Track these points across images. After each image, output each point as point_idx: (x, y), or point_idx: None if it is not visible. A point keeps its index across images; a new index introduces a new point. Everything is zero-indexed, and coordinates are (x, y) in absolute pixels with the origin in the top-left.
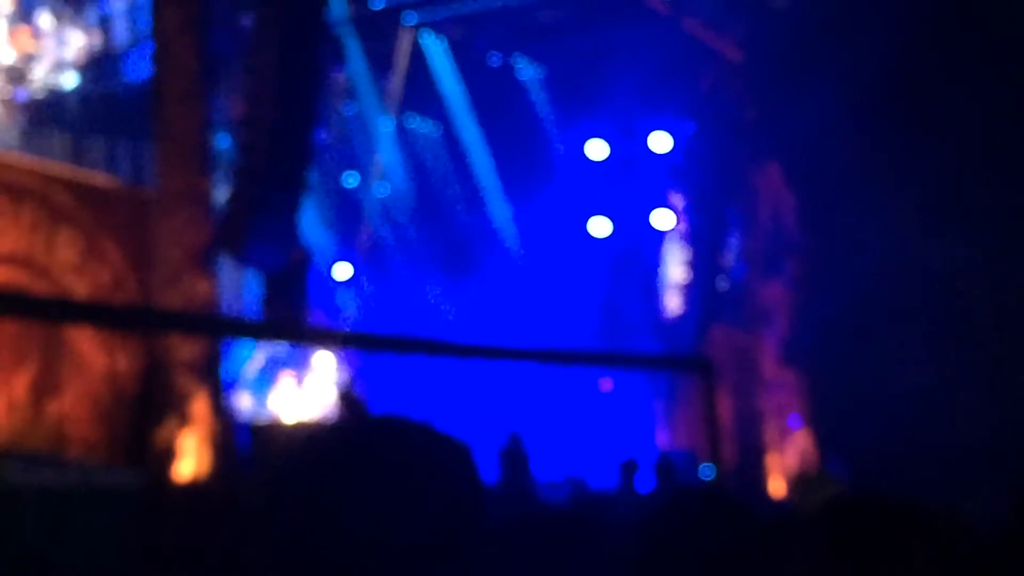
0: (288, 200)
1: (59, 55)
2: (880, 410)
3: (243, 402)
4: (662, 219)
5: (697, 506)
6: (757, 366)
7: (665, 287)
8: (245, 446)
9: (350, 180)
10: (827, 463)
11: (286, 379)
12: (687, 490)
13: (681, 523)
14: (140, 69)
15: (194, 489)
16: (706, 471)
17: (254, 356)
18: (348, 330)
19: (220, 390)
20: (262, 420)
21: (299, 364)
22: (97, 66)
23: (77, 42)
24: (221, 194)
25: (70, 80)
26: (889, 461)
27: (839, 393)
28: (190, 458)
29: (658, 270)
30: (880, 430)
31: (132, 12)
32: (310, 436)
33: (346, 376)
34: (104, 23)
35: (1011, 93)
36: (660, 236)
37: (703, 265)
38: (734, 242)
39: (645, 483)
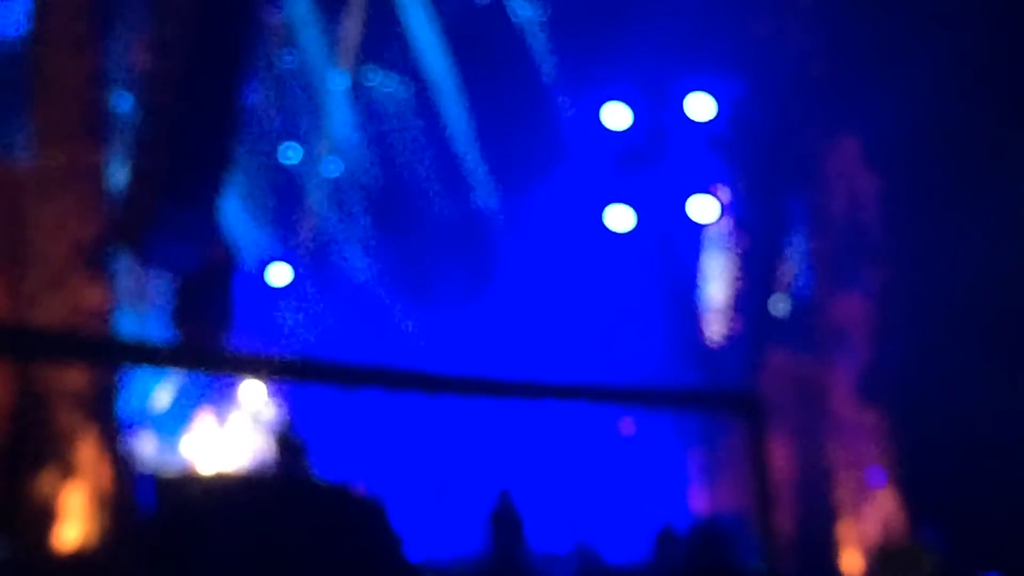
0: (206, 180)
1: None
2: (986, 463)
3: (146, 447)
4: (702, 209)
5: None
6: (827, 404)
7: (705, 298)
8: (148, 504)
9: (289, 154)
10: (918, 531)
11: (203, 418)
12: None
13: None
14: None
15: (79, 560)
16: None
17: (162, 387)
18: (285, 355)
19: (115, 431)
20: (171, 470)
21: (220, 398)
22: None
23: None
24: (119, 172)
25: None
26: (997, 528)
27: (934, 440)
28: (75, 519)
29: (696, 277)
30: (985, 488)
31: None
32: (230, 496)
33: (282, 414)
34: None
35: None
36: (699, 231)
37: (756, 271)
38: (797, 242)
39: (680, 557)
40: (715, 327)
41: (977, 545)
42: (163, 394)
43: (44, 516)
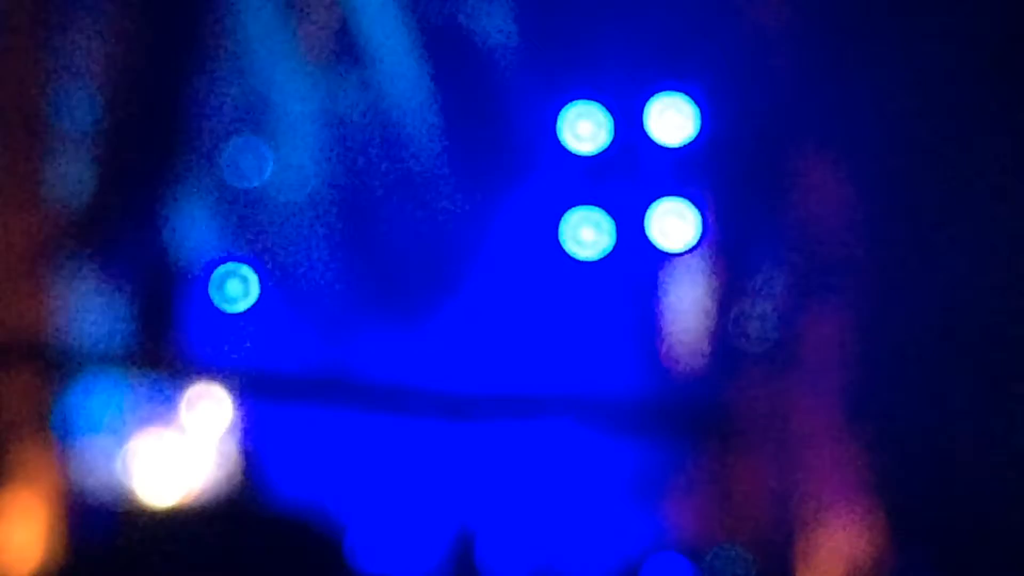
0: (160, 183)
1: None
2: (969, 484)
3: (93, 472)
4: (671, 232)
5: None
6: (800, 426)
7: (675, 320)
8: (95, 533)
9: (247, 156)
10: (903, 562)
11: (154, 434)
12: None
13: None
14: None
15: None
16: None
17: (111, 405)
18: (245, 370)
19: (63, 446)
20: (120, 497)
21: (174, 419)
22: None
23: None
24: (67, 171)
25: None
26: (980, 551)
27: (915, 462)
28: (19, 545)
29: (665, 298)
30: (968, 510)
31: None
32: (181, 526)
33: (240, 436)
34: None
35: None
36: (667, 256)
37: (730, 291)
38: (770, 256)
39: None
40: (682, 344)
41: (960, 568)
42: (112, 414)
43: None
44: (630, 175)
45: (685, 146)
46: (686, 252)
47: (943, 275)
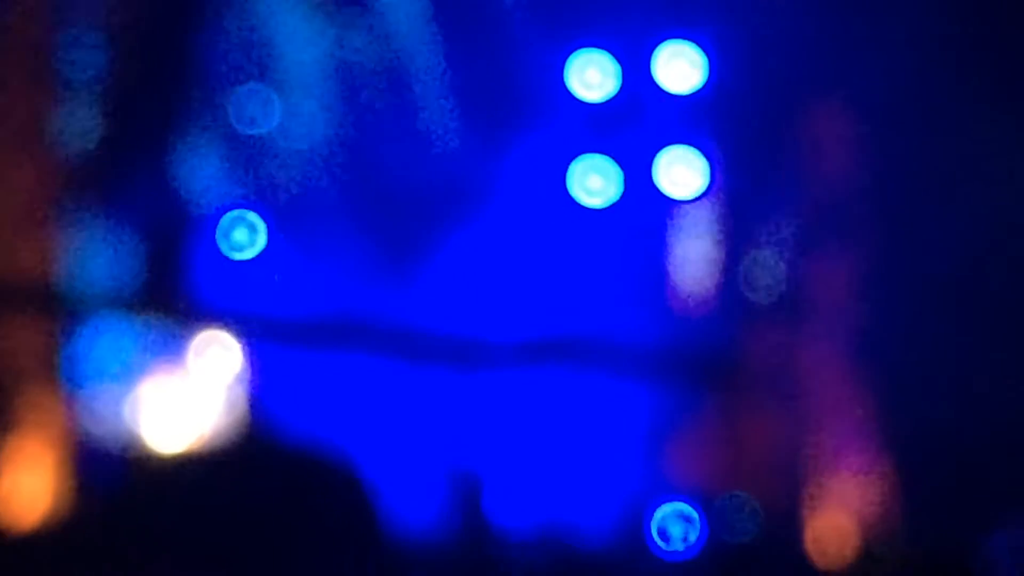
0: (167, 128)
1: None
2: (989, 436)
3: (103, 410)
4: (679, 180)
5: None
6: (809, 374)
7: (682, 270)
8: (106, 479)
9: (254, 104)
10: (908, 515)
11: (163, 386)
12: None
13: None
14: None
15: (33, 535)
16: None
17: (119, 352)
18: (253, 316)
19: (72, 393)
20: (129, 441)
21: (182, 365)
22: None
23: None
24: (73, 118)
25: None
26: (993, 511)
27: (928, 412)
28: (29, 491)
29: (673, 249)
30: (988, 465)
31: None
32: (193, 469)
33: (249, 383)
34: None
35: None
36: (675, 204)
37: (738, 243)
38: (778, 204)
39: (666, 536)
40: (693, 298)
41: (973, 528)
42: (119, 359)
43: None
44: (638, 123)
45: (693, 94)
46: (694, 200)
47: (953, 224)
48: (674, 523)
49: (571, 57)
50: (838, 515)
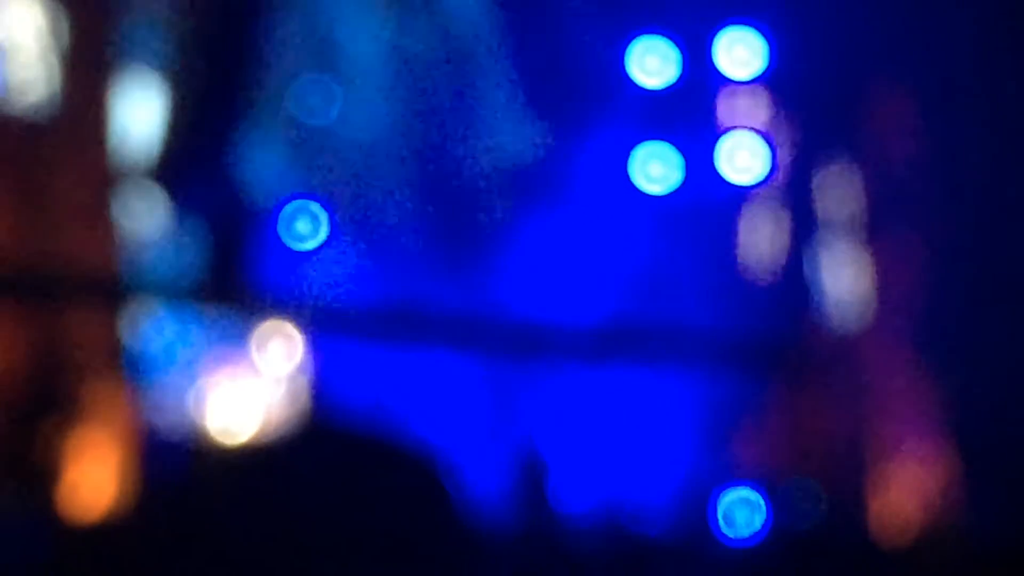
0: (233, 119)
1: None
2: None
3: (164, 410)
4: (741, 166)
5: None
6: (871, 360)
7: (744, 256)
8: (164, 473)
9: (317, 98)
10: (971, 501)
11: (226, 377)
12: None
13: None
14: None
15: (101, 526)
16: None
17: (182, 343)
18: (315, 307)
19: (131, 392)
20: (196, 433)
21: (245, 356)
22: None
23: None
24: (138, 109)
25: None
26: None
27: (990, 397)
28: (95, 482)
29: (735, 235)
30: None
31: None
32: (263, 461)
33: (311, 374)
34: None
35: None
36: (737, 190)
37: (797, 221)
38: (840, 190)
39: (731, 522)
40: (755, 284)
41: None
42: (185, 350)
43: (63, 477)
44: (699, 110)
45: (754, 80)
46: (756, 186)
47: (1018, 209)
48: (739, 509)
49: (632, 44)
50: (901, 501)
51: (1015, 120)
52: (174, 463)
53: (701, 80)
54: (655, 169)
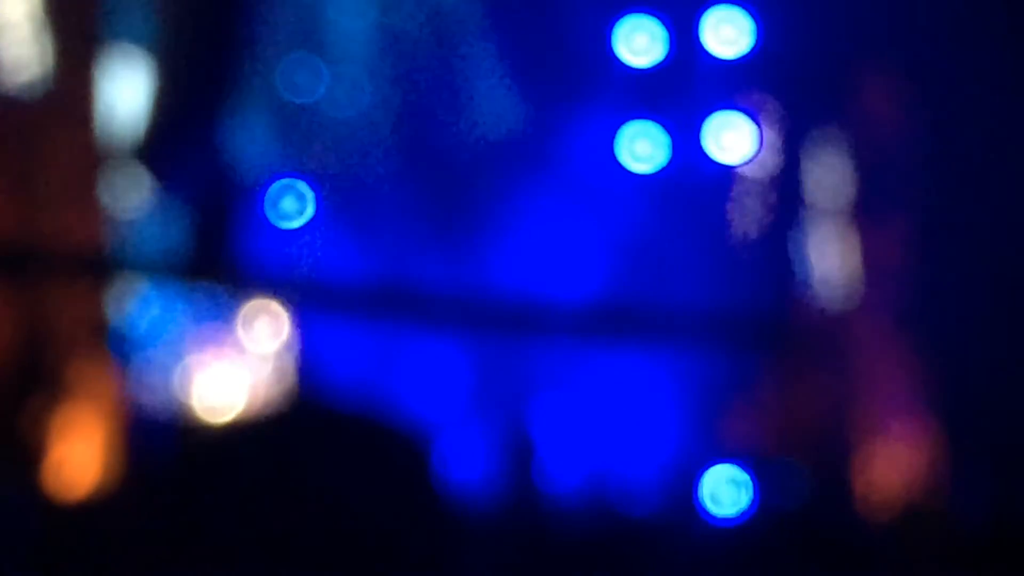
0: (217, 95)
1: None
2: None
3: (150, 387)
4: (728, 145)
5: None
6: (858, 338)
7: (731, 235)
8: (160, 449)
9: (301, 72)
10: (959, 475)
11: (212, 355)
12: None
13: None
14: None
15: (91, 505)
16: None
17: (168, 321)
18: (302, 284)
19: (116, 370)
20: (184, 410)
21: (231, 334)
22: None
23: None
24: (123, 86)
25: None
26: None
27: (977, 375)
28: (84, 460)
29: (721, 214)
30: None
31: None
32: (252, 437)
33: (297, 349)
34: None
35: None
36: (724, 170)
37: (784, 200)
38: (827, 170)
39: (717, 500)
40: (741, 263)
41: (1019, 480)
42: (170, 327)
43: (49, 454)
44: (686, 88)
45: (741, 59)
46: (743, 165)
47: (1006, 189)
48: (725, 487)
49: (619, 22)
50: (888, 480)
51: (1004, 100)
52: (160, 441)
53: (688, 59)
54: (642, 148)
